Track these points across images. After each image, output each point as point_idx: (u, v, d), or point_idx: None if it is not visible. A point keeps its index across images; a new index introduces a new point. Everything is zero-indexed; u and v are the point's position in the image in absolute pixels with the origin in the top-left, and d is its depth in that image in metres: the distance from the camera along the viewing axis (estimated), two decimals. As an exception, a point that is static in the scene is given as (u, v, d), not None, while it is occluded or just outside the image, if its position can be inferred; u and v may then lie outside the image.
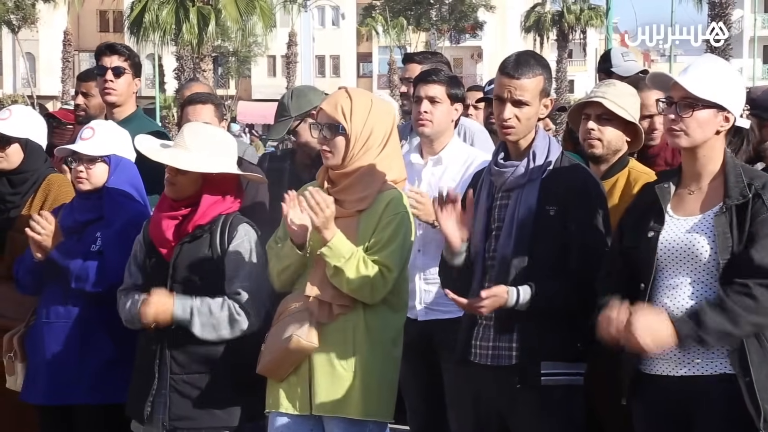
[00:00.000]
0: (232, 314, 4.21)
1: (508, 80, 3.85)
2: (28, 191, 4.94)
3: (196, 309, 4.21)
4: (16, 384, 4.73)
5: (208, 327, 4.20)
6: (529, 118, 3.87)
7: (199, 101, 5.08)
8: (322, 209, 3.92)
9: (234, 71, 58.48)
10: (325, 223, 3.94)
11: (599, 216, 3.84)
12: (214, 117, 5.02)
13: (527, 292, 3.74)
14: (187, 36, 44.02)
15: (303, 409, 4.06)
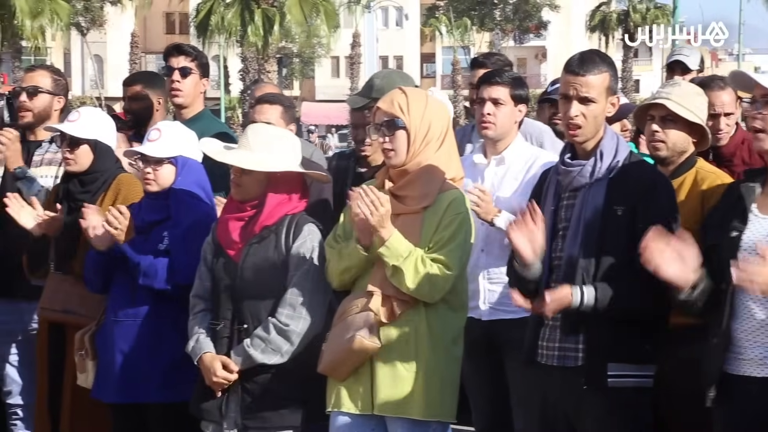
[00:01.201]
0: (280, 329, 4.21)
1: (574, 78, 3.83)
2: (98, 191, 5.00)
3: (249, 346, 4.22)
4: (87, 381, 4.78)
5: (270, 352, 4.22)
6: (596, 116, 3.84)
7: (266, 101, 5.11)
8: (376, 207, 3.93)
9: (298, 72, 58.76)
10: (381, 221, 3.94)
11: (669, 215, 3.80)
12: (280, 119, 5.05)
13: (591, 292, 3.72)
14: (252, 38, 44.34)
15: (365, 409, 4.07)
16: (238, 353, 4.24)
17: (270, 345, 4.21)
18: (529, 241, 3.76)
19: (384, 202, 3.94)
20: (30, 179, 5.38)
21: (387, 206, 3.94)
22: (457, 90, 54.95)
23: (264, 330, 4.22)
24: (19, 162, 5.38)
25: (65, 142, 4.96)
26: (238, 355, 4.24)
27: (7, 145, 5.33)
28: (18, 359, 5.53)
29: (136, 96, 6.04)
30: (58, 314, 5.01)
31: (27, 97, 5.53)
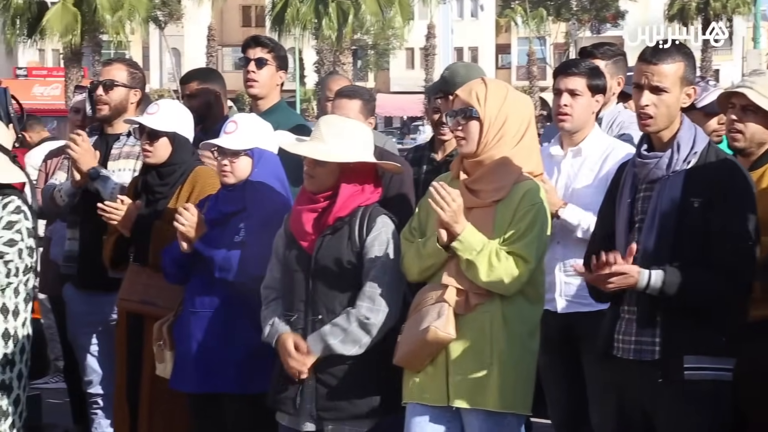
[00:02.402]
0: (361, 321, 4.22)
1: (646, 66, 3.79)
2: (175, 183, 5.04)
3: (329, 336, 4.23)
4: (166, 371, 4.83)
5: (349, 343, 4.22)
6: (668, 106, 3.79)
7: (345, 95, 5.11)
8: (448, 203, 3.92)
9: (373, 64, 58.86)
10: (453, 216, 3.93)
11: (745, 208, 3.74)
12: (360, 114, 5.05)
13: (659, 276, 3.67)
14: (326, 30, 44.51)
15: (440, 401, 4.07)
16: (317, 340, 4.25)
17: (349, 336, 4.22)
18: None
19: (456, 197, 3.93)
20: (104, 178, 5.44)
21: (459, 201, 3.94)
22: (533, 81, 54.62)
23: (345, 321, 4.23)
24: (92, 162, 5.43)
25: (144, 135, 5.01)
26: (316, 342, 4.25)
27: (74, 148, 5.38)
28: (98, 349, 5.61)
29: (194, 93, 6.09)
30: (137, 305, 5.07)
31: (103, 91, 5.58)
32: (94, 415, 5.68)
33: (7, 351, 4.96)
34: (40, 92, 40.93)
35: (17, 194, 5.04)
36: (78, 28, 40.33)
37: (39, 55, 56.93)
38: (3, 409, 4.97)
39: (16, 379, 5.01)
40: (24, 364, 5.04)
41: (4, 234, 4.90)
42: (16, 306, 5.00)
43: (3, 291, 4.94)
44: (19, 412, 5.04)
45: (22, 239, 4.93)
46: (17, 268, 4.91)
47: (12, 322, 4.99)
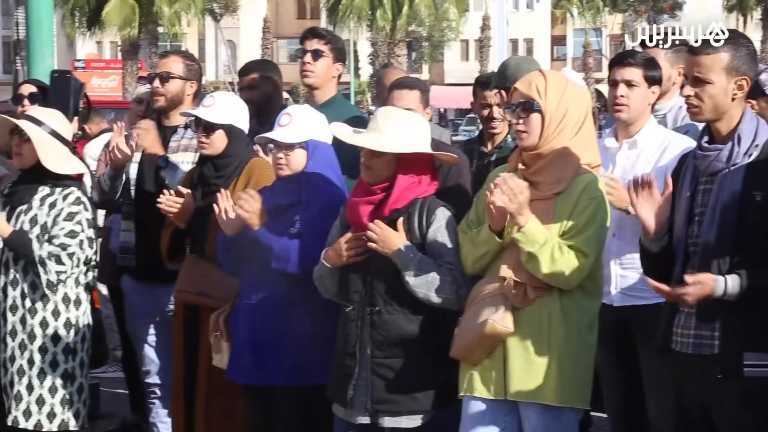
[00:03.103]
0: (449, 282, 4.19)
1: (689, 57, 3.76)
2: (231, 175, 5.06)
3: (418, 259, 4.20)
4: (222, 362, 4.85)
5: (423, 283, 4.19)
6: (713, 97, 3.72)
7: (405, 86, 5.11)
8: (515, 195, 3.91)
9: (427, 56, 58.80)
10: (518, 208, 3.92)
11: None
12: (419, 103, 5.06)
13: (735, 282, 3.61)
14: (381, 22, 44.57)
15: (497, 394, 4.05)
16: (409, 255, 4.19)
17: (429, 278, 4.17)
18: (653, 211, 3.71)
19: (523, 189, 3.91)
20: (173, 167, 5.48)
21: (526, 194, 3.92)
22: (588, 73, 54.23)
23: (439, 268, 4.18)
24: (159, 150, 5.48)
25: (200, 127, 5.05)
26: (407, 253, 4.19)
27: (142, 136, 5.43)
28: (156, 340, 5.66)
29: (253, 84, 6.11)
30: (193, 296, 5.10)
31: (160, 83, 5.61)
32: (151, 404, 5.73)
33: (69, 340, 5.05)
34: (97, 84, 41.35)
35: (77, 185, 5.11)
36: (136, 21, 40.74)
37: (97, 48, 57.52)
38: (67, 397, 5.06)
39: (78, 367, 5.09)
40: (85, 352, 5.12)
41: (65, 225, 4.97)
42: (78, 296, 5.08)
43: (65, 281, 5.01)
44: (83, 400, 5.12)
45: (83, 230, 5.00)
46: (78, 259, 4.99)
47: (74, 312, 5.07)
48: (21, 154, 5.04)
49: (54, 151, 5.04)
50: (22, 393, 5.01)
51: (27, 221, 5.00)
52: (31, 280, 4.98)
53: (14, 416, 5.00)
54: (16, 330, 5.02)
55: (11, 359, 5.03)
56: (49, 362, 5.03)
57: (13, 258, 5.01)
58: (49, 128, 5.07)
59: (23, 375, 5.01)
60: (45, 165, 4.98)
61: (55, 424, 5.04)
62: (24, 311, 5.01)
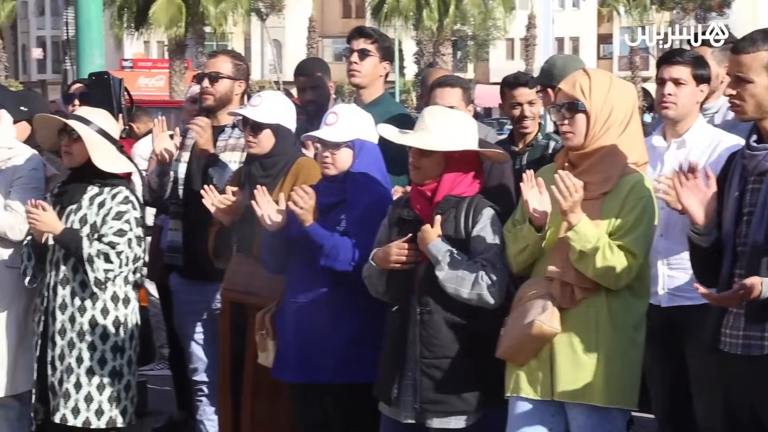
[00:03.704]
0: (479, 279, 4.18)
1: (731, 56, 3.74)
2: (278, 174, 5.07)
3: (450, 255, 4.20)
4: (268, 360, 4.87)
5: (453, 278, 4.20)
6: (754, 96, 3.68)
7: (447, 84, 5.12)
8: (571, 193, 3.90)
9: (472, 55, 58.64)
10: (572, 207, 3.91)
11: None
12: (461, 101, 5.06)
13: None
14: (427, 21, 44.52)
15: (544, 395, 4.04)
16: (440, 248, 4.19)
17: (459, 273, 4.16)
18: (700, 202, 3.68)
19: (579, 188, 3.90)
20: (222, 166, 5.51)
21: (581, 192, 3.91)
22: (635, 71, 53.84)
23: (470, 265, 4.17)
24: (210, 149, 5.52)
25: (248, 127, 5.07)
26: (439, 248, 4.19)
27: (200, 133, 5.48)
28: (203, 338, 5.70)
29: (318, 84, 6.14)
30: (240, 294, 5.11)
31: (209, 83, 5.65)
32: (198, 402, 5.77)
33: (117, 338, 5.08)
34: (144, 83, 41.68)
35: (125, 184, 5.15)
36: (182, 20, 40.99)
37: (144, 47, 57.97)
38: (115, 395, 5.09)
39: (126, 365, 5.13)
40: (133, 350, 5.16)
41: (114, 224, 5.02)
42: (126, 294, 5.12)
43: (113, 280, 5.05)
44: (130, 398, 5.16)
45: (131, 229, 5.04)
46: (127, 257, 5.02)
47: (122, 310, 5.11)
48: (71, 153, 5.08)
49: (104, 149, 5.09)
50: (71, 391, 5.05)
51: (77, 220, 5.05)
52: (80, 279, 5.02)
53: (62, 414, 5.04)
54: (65, 328, 5.06)
55: (60, 357, 5.07)
56: (97, 360, 5.07)
57: (63, 257, 5.06)
58: (97, 127, 5.12)
59: (72, 373, 5.05)
60: (96, 164, 5.02)
61: (103, 422, 5.08)
62: (73, 310, 5.05)
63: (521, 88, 5.61)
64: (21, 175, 5.32)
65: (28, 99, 6.07)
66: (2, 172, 5.34)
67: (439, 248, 4.21)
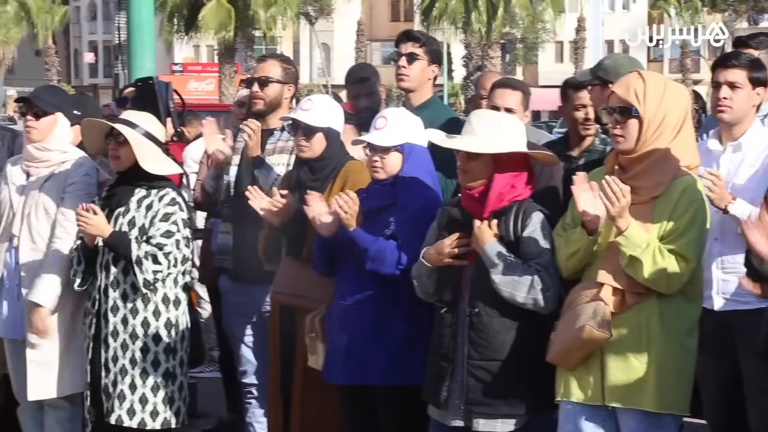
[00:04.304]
0: (534, 283, 4.17)
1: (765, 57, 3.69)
2: (327, 178, 5.08)
3: (505, 258, 4.19)
4: (318, 363, 4.88)
5: (509, 282, 4.18)
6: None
7: (509, 86, 5.11)
8: (618, 198, 3.87)
9: (521, 58, 58.44)
10: (620, 212, 3.88)
11: None
12: (520, 105, 5.04)
13: None
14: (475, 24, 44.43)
15: (595, 399, 4.02)
16: (495, 251, 4.19)
17: (516, 278, 4.16)
18: (765, 237, 3.62)
19: (626, 193, 3.87)
20: (268, 168, 5.53)
21: (629, 197, 3.88)
22: (686, 74, 53.40)
23: (526, 269, 4.16)
24: (258, 151, 5.54)
25: (300, 131, 5.08)
26: (495, 250, 4.18)
27: (251, 135, 5.50)
28: (252, 340, 5.71)
29: (372, 90, 6.15)
30: (289, 297, 5.12)
31: (258, 87, 5.66)
32: (248, 404, 5.79)
33: (170, 340, 5.11)
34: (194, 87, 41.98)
35: (172, 186, 5.17)
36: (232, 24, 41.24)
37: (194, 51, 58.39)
38: (168, 395, 5.12)
39: (178, 366, 5.16)
40: (185, 351, 5.19)
41: (161, 226, 5.04)
42: (176, 296, 5.15)
43: (163, 281, 5.08)
44: (183, 399, 5.19)
45: (179, 230, 5.06)
46: (175, 259, 5.05)
47: (173, 312, 5.13)
48: (118, 156, 5.11)
49: (150, 152, 5.11)
50: (126, 392, 5.08)
51: (125, 223, 5.08)
52: (131, 281, 5.05)
53: (118, 415, 5.07)
54: (118, 330, 5.09)
55: (114, 359, 5.10)
56: (150, 362, 5.09)
57: (112, 259, 5.08)
58: (143, 130, 5.15)
59: (126, 374, 5.08)
60: (143, 167, 5.04)
61: (158, 423, 5.10)
62: (125, 312, 5.08)
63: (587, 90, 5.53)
64: (74, 181, 5.35)
65: (82, 103, 6.12)
66: (55, 176, 5.38)
67: (495, 250, 4.20)
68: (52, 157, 5.41)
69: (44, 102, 5.41)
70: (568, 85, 5.54)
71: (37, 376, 5.31)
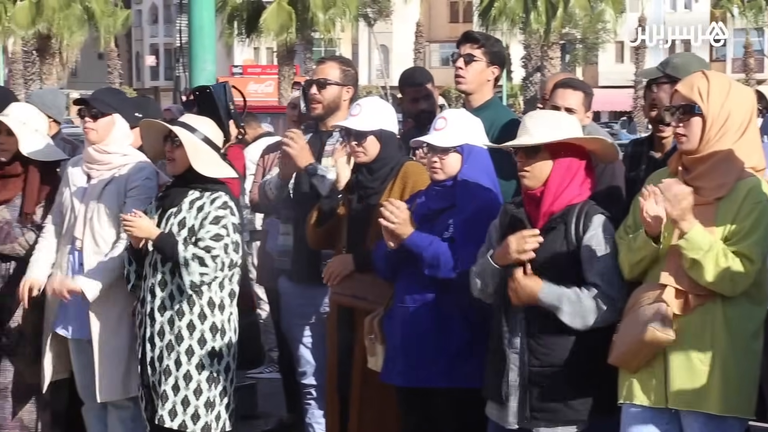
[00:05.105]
0: (599, 304, 4.15)
1: None
2: (386, 178, 5.06)
3: (566, 298, 4.16)
4: (377, 365, 4.88)
5: (577, 316, 4.16)
6: None
7: (570, 86, 5.08)
8: (679, 201, 3.82)
9: (581, 58, 58.04)
10: (681, 214, 3.84)
11: None
12: (581, 105, 5.00)
13: None
14: (534, 24, 44.21)
15: (658, 402, 3.97)
16: (552, 292, 4.15)
17: (581, 309, 4.14)
18: None
19: (687, 194, 3.83)
20: (321, 175, 5.51)
21: (689, 199, 3.83)
22: (749, 74, 52.71)
23: (587, 295, 4.14)
24: (309, 158, 5.49)
25: (351, 137, 5.07)
26: (551, 293, 4.15)
27: (291, 145, 5.47)
28: (311, 341, 5.72)
29: (429, 93, 6.16)
30: (348, 299, 5.12)
31: (317, 89, 5.65)
32: (307, 405, 5.80)
33: (215, 344, 5.10)
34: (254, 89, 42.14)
35: (225, 190, 5.18)
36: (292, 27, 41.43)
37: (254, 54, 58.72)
38: (211, 400, 5.11)
39: (223, 371, 5.14)
40: (232, 357, 5.16)
41: (211, 228, 5.04)
42: (222, 300, 5.13)
43: (209, 285, 5.08)
44: (225, 404, 5.17)
45: (228, 234, 5.05)
46: (222, 263, 5.03)
47: (219, 316, 5.12)
48: (174, 159, 5.13)
49: (206, 156, 5.13)
50: (168, 393, 5.07)
51: (176, 224, 5.09)
52: (178, 282, 5.04)
53: (160, 415, 5.07)
54: (164, 330, 5.09)
55: (159, 359, 5.10)
56: (195, 365, 5.07)
57: (161, 259, 5.10)
58: (201, 135, 5.17)
59: (169, 375, 5.08)
60: (197, 169, 5.06)
61: (199, 426, 5.08)
62: (172, 313, 5.08)
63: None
64: (135, 185, 5.38)
65: (143, 105, 6.17)
66: (116, 180, 5.42)
67: (552, 295, 4.17)
68: (113, 160, 5.45)
69: (102, 103, 5.45)
70: (648, 83, 5.45)
71: (106, 376, 5.35)
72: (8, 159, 5.65)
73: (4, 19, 44.06)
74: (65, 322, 5.48)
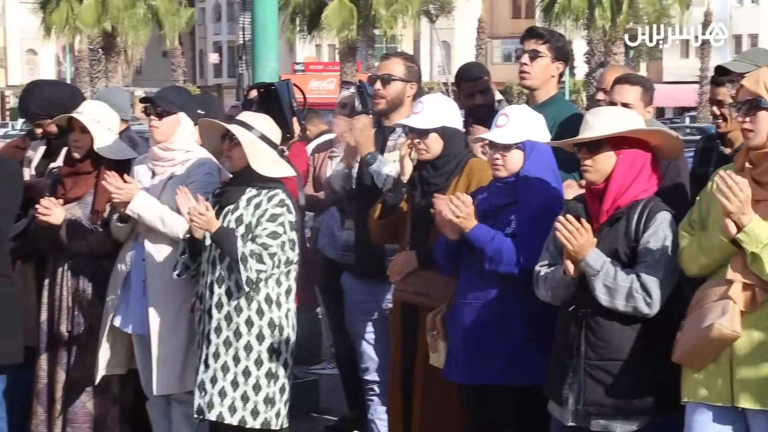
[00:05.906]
0: (632, 290, 4.12)
1: None
2: (451, 174, 5.06)
3: (606, 269, 4.14)
4: (439, 361, 4.88)
5: (606, 292, 4.14)
6: None
7: (627, 81, 5.04)
8: (735, 193, 3.77)
9: (645, 54, 57.48)
10: (740, 207, 3.78)
11: None
12: (640, 100, 4.96)
13: None
14: (599, 20, 43.87)
15: (724, 401, 3.92)
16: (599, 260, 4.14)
17: (613, 284, 4.12)
18: None
19: (743, 187, 3.77)
20: (380, 165, 5.51)
21: (747, 191, 3.78)
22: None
23: (624, 276, 4.13)
24: (370, 147, 5.53)
25: (414, 134, 5.07)
26: (596, 259, 4.14)
27: (356, 133, 5.49)
28: (374, 337, 5.73)
29: (486, 87, 6.14)
30: (411, 296, 5.12)
31: (381, 85, 5.66)
32: (370, 401, 5.81)
33: (273, 340, 5.12)
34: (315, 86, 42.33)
35: (282, 188, 5.19)
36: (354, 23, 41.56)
37: (316, 51, 58.96)
38: (269, 396, 5.12)
39: (282, 367, 5.15)
40: (289, 354, 5.17)
41: (268, 226, 5.06)
42: (278, 297, 5.14)
43: (266, 281, 5.10)
44: (284, 401, 5.19)
45: (285, 232, 5.07)
46: (279, 260, 5.05)
47: (276, 312, 5.13)
48: (231, 157, 5.16)
49: (263, 154, 5.14)
50: (227, 389, 5.09)
51: (233, 220, 5.12)
52: (235, 278, 5.06)
53: (219, 411, 5.08)
54: (221, 327, 5.11)
55: (215, 355, 5.10)
56: (254, 360, 5.08)
57: (219, 256, 5.12)
58: (259, 133, 5.19)
59: (228, 371, 5.09)
60: (254, 168, 5.07)
61: (258, 422, 5.09)
62: (229, 309, 5.10)
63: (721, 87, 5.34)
64: (194, 180, 5.41)
65: (206, 103, 6.21)
66: (177, 175, 5.46)
67: (597, 259, 4.15)
68: (176, 156, 5.50)
69: (167, 102, 5.50)
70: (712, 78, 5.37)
71: (163, 371, 5.40)
72: (81, 156, 5.71)
73: (71, 17, 44.70)
74: (126, 318, 5.53)
